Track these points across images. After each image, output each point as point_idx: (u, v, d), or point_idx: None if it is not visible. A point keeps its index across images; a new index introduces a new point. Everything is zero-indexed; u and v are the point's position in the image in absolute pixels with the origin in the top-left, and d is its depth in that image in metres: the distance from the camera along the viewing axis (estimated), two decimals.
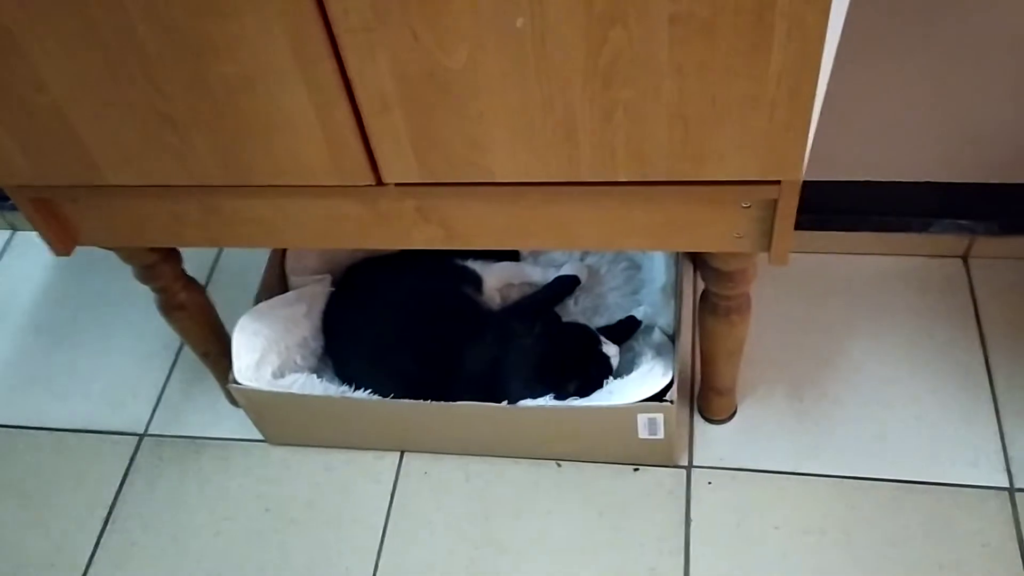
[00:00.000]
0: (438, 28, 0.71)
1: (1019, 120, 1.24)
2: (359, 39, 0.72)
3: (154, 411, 1.43)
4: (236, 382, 1.21)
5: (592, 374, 1.19)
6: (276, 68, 0.76)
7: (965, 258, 1.42)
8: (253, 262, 1.37)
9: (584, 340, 1.22)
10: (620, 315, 1.33)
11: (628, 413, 1.15)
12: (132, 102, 0.81)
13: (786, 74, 0.71)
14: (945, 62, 1.18)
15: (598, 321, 1.35)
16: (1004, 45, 1.15)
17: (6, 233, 1.73)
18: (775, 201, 0.84)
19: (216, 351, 1.28)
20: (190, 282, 1.19)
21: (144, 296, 1.21)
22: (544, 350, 1.21)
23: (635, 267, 1.40)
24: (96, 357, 1.51)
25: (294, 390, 1.23)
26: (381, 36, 0.72)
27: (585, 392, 1.18)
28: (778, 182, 0.81)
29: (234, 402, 1.38)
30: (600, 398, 1.18)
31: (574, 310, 1.38)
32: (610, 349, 1.21)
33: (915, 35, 1.16)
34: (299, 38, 0.73)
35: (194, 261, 1.20)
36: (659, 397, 1.13)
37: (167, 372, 1.47)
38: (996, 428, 1.25)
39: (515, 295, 1.40)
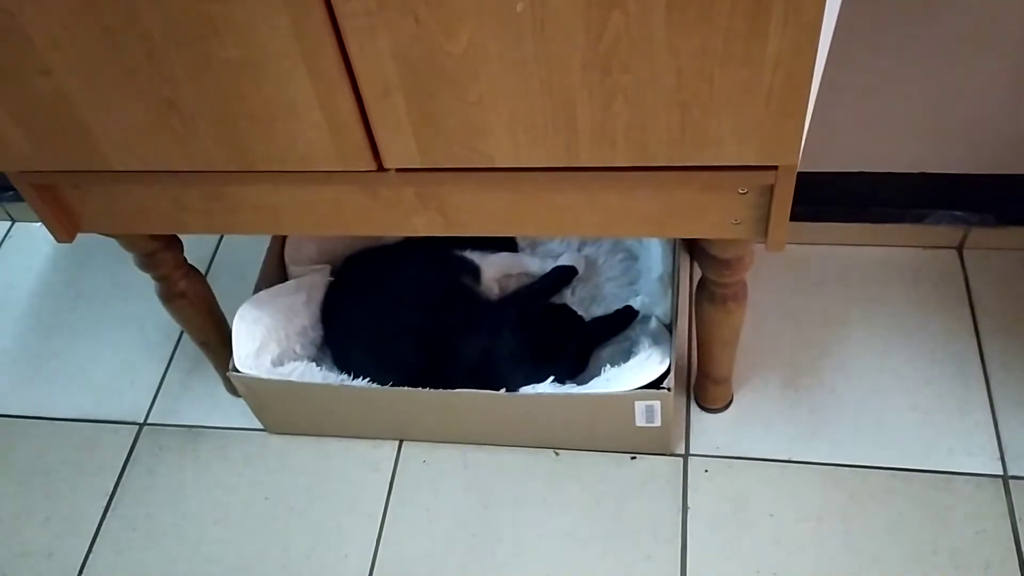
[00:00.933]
0: (439, 12, 0.71)
1: (1014, 111, 1.25)
2: (361, 23, 0.73)
3: (153, 401, 1.43)
4: (236, 370, 1.22)
5: (588, 332, 1.27)
6: (279, 53, 0.77)
7: (960, 249, 1.43)
8: (252, 252, 1.38)
9: (562, 312, 1.29)
10: (617, 305, 1.34)
11: (626, 400, 1.16)
12: (136, 86, 0.81)
13: (783, 60, 0.71)
14: (940, 53, 1.19)
15: (596, 311, 1.36)
16: (999, 37, 1.16)
17: (5, 224, 1.73)
18: (772, 187, 0.84)
19: (216, 340, 1.29)
20: (191, 270, 1.20)
21: (143, 287, 1.22)
22: (532, 332, 1.24)
23: (632, 257, 1.41)
24: (95, 347, 1.51)
25: (293, 378, 1.24)
26: (383, 20, 0.72)
27: (584, 350, 1.26)
28: (775, 168, 0.82)
29: (233, 391, 1.39)
30: (598, 386, 1.19)
31: (572, 301, 1.39)
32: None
33: (911, 26, 1.16)
34: (301, 22, 0.74)
35: (193, 251, 1.21)
36: (656, 385, 1.14)
37: (166, 362, 1.48)
38: (990, 416, 1.26)
39: (513, 286, 1.41)
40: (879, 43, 1.19)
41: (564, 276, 1.38)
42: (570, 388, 1.19)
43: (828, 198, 1.39)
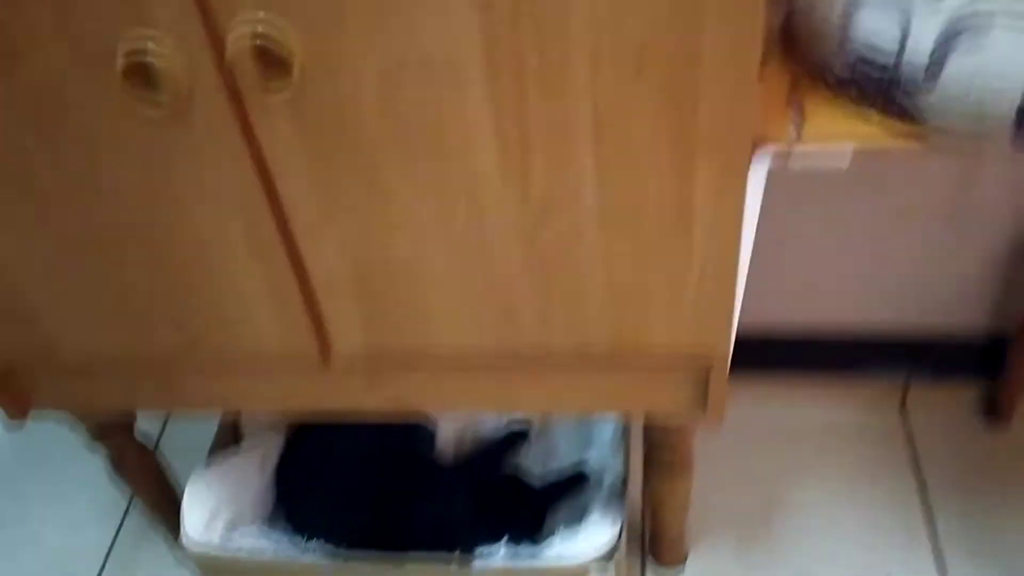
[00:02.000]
0: (382, 221, 0.76)
1: (940, 274, 1.31)
2: (311, 230, 0.77)
3: (103, 567, 1.40)
4: (186, 541, 1.20)
5: (540, 499, 1.27)
6: (230, 254, 0.80)
7: (902, 405, 1.46)
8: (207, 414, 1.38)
9: (514, 483, 1.30)
10: (570, 462, 1.35)
11: (578, 571, 1.15)
12: (88, 279, 0.84)
13: (708, 262, 0.76)
14: (872, 225, 1.26)
15: (552, 465, 1.37)
16: (924, 214, 1.23)
17: None
18: (708, 368, 0.88)
19: (166, 508, 1.27)
20: (140, 445, 1.20)
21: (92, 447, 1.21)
22: (486, 502, 1.25)
23: (586, 416, 1.43)
24: (45, 510, 1.48)
25: (245, 546, 1.22)
26: (331, 230, 0.77)
27: (538, 514, 1.26)
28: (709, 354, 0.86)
29: (185, 559, 1.36)
30: (552, 547, 1.18)
31: (527, 457, 1.39)
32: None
33: (841, 200, 1.23)
34: (253, 229, 0.78)
35: (146, 412, 1.21)
36: (610, 550, 1.14)
37: (116, 526, 1.45)
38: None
39: (468, 444, 1.42)
40: (807, 216, 1.25)
41: (517, 439, 1.40)
42: (524, 552, 1.18)
43: (768, 360, 1.43)
